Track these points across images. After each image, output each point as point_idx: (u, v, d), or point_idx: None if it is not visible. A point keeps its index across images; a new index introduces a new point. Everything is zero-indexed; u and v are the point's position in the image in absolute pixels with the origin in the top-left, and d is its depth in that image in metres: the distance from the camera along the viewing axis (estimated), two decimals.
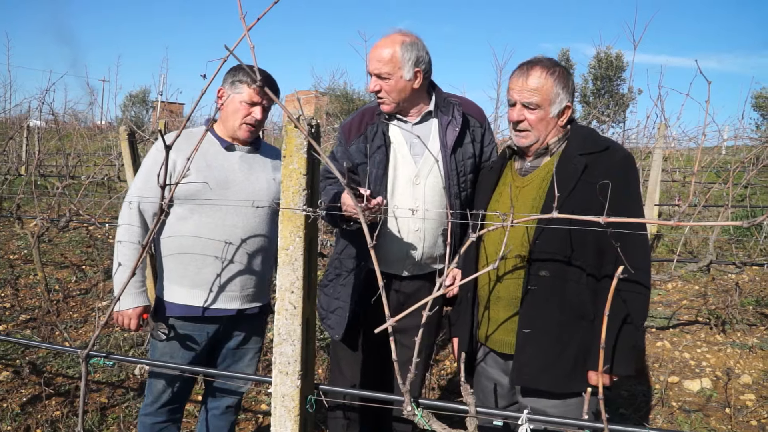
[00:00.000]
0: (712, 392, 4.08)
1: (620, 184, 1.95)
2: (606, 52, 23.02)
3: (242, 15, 1.49)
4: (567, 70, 2.10)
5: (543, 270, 1.98)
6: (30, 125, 13.96)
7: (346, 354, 2.65)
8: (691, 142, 11.36)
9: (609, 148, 2.04)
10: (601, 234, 1.86)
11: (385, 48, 2.37)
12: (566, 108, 2.07)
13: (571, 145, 2.06)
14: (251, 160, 2.52)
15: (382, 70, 2.37)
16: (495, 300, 2.11)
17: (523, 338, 2.01)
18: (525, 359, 2.02)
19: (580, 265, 1.97)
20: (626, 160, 2.03)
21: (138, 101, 32.26)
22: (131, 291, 2.41)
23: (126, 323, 2.43)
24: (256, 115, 2.43)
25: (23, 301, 5.59)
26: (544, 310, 2.00)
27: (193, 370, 2.38)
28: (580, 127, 2.14)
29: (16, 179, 10.48)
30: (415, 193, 2.47)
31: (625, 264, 1.56)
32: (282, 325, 1.78)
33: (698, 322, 5.43)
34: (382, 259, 2.48)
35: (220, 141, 2.48)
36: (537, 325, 2.00)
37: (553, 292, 1.99)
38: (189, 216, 2.41)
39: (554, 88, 2.03)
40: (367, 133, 2.49)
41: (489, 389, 2.24)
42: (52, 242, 7.95)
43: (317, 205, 1.77)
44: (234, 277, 2.44)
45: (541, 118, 2.05)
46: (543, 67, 2.05)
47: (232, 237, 2.41)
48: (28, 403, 3.61)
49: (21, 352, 4.34)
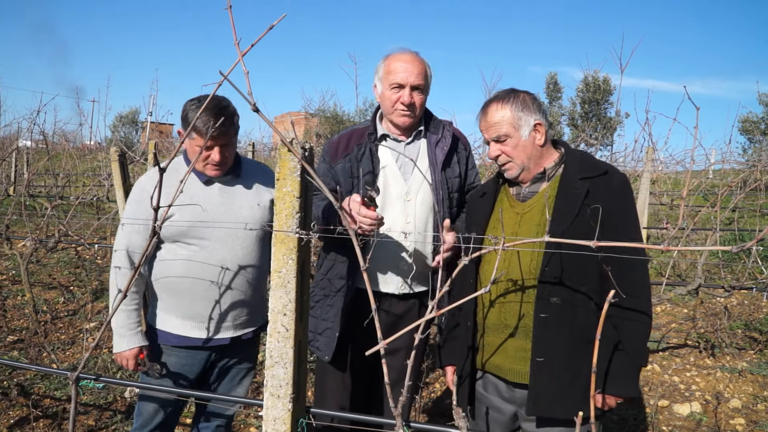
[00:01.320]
0: (702, 416, 4.08)
1: (621, 209, 1.99)
2: (594, 76, 23.31)
3: (236, 41, 1.51)
4: (527, 93, 2.12)
5: (554, 297, 1.97)
6: (19, 145, 13.92)
7: (333, 376, 2.63)
8: (678, 165, 11.49)
9: (608, 172, 2.06)
10: (603, 259, 1.89)
11: (418, 62, 2.47)
12: (536, 125, 2.08)
13: (570, 170, 2.08)
14: (231, 191, 2.48)
15: (420, 82, 2.46)
16: (502, 327, 2.09)
17: (537, 367, 2.00)
18: (540, 389, 2.00)
19: (586, 291, 1.98)
20: (624, 185, 2.06)
21: (128, 122, 32.20)
22: (126, 333, 2.42)
23: (124, 364, 2.42)
24: (214, 158, 2.36)
25: (11, 322, 5.52)
26: (557, 337, 1.98)
27: (186, 393, 2.36)
28: (574, 150, 2.17)
29: (5, 199, 10.43)
30: (406, 210, 2.51)
31: (617, 289, 1.57)
32: (274, 347, 1.78)
33: (687, 346, 5.45)
34: (374, 277, 2.49)
35: (198, 175, 2.45)
36: (550, 353, 1.99)
37: (564, 319, 1.98)
38: (178, 251, 2.41)
39: (514, 114, 2.07)
40: (354, 154, 2.52)
41: (490, 417, 2.23)
42: (40, 263, 7.89)
43: (310, 227, 1.79)
44: (227, 309, 2.45)
45: (515, 145, 2.08)
46: (496, 100, 2.11)
47: (220, 271, 2.41)
48: (16, 425, 3.56)
49: (9, 374, 4.28)
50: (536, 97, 2.13)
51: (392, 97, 2.46)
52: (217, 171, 2.41)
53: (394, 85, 2.44)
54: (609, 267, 1.83)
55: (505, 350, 2.11)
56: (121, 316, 2.42)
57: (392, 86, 2.45)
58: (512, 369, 2.09)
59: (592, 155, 2.24)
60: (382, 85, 2.50)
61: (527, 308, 2.04)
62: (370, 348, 1.74)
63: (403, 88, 2.44)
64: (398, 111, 2.48)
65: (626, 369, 1.99)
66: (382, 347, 1.71)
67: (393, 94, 2.46)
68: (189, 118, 2.34)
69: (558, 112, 24.13)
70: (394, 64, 2.45)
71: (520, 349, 2.06)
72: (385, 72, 2.48)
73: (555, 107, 24.40)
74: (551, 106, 24.44)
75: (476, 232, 2.16)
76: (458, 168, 2.59)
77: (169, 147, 15.89)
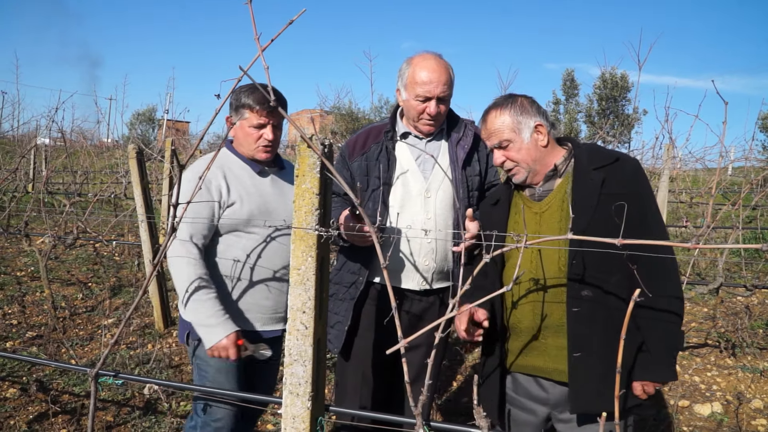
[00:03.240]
0: (723, 417, 4.02)
1: (639, 195, 1.99)
2: (611, 73, 23.09)
3: (257, 36, 1.49)
4: (524, 97, 2.11)
5: (584, 290, 1.96)
6: (38, 143, 14.07)
7: (353, 373, 2.64)
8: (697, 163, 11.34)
9: (619, 159, 2.05)
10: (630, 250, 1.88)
11: (444, 71, 2.45)
12: (537, 127, 2.07)
13: (581, 162, 2.06)
14: (281, 184, 2.55)
15: (446, 93, 2.46)
16: (536, 328, 2.08)
17: (574, 363, 1.99)
18: (579, 385, 1.98)
19: (616, 282, 1.96)
20: (638, 169, 2.05)
21: (145, 119, 32.51)
22: (217, 321, 2.26)
23: (224, 354, 2.27)
24: (267, 136, 2.41)
25: (30, 318, 5.58)
26: (591, 331, 1.97)
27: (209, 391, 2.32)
28: (582, 143, 2.16)
29: (24, 196, 10.53)
30: (427, 206, 2.52)
31: (642, 286, 1.55)
32: (293, 345, 1.77)
33: (708, 345, 5.38)
34: (394, 273, 2.49)
35: (251, 166, 2.48)
36: (585, 348, 1.98)
37: (596, 312, 1.97)
38: (236, 242, 2.42)
39: (512, 119, 2.06)
40: (370, 152, 2.54)
41: (521, 419, 2.22)
42: (58, 259, 7.97)
43: (329, 225, 1.77)
44: (281, 300, 2.47)
45: (518, 149, 2.07)
46: (495, 108, 2.11)
47: (277, 262, 2.44)
48: (35, 421, 3.59)
49: (28, 369, 4.32)
50: (534, 100, 2.12)
51: (418, 108, 2.46)
52: (267, 153, 2.45)
53: (420, 97, 2.43)
54: (635, 265, 1.80)
55: (543, 350, 2.09)
56: (207, 306, 2.27)
57: (418, 97, 2.44)
58: (556, 369, 2.07)
59: (600, 146, 2.22)
60: (407, 93, 2.49)
61: (559, 306, 2.02)
62: (390, 345, 1.73)
63: (429, 101, 2.43)
64: (424, 121, 2.50)
65: (662, 354, 1.98)
66: (402, 346, 1.69)
67: (418, 104, 2.45)
68: (242, 99, 2.38)
69: (575, 109, 23.91)
70: (419, 74, 2.42)
71: (558, 348, 2.05)
72: (410, 81, 2.45)
73: (572, 104, 24.18)
74: (568, 103, 24.22)
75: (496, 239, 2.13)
76: (479, 166, 2.59)
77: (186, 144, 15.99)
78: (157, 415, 3.70)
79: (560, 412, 2.13)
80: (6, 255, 8.23)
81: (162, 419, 3.63)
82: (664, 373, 1.99)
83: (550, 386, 2.11)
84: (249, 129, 2.40)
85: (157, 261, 1.97)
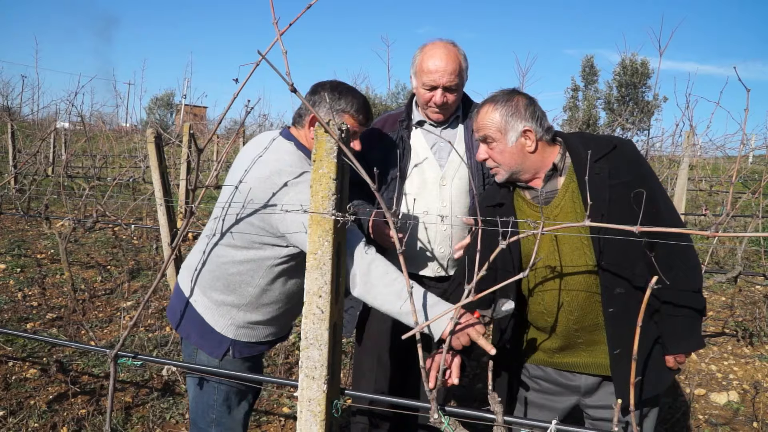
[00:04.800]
0: (739, 406, 4.00)
1: (644, 177, 2.00)
2: (631, 59, 22.77)
3: (275, 20, 1.49)
4: (523, 97, 2.04)
5: (618, 288, 1.96)
6: (57, 127, 14.22)
7: (369, 358, 2.66)
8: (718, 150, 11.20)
9: (616, 145, 2.02)
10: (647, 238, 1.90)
11: (451, 60, 2.41)
12: (525, 132, 2.00)
13: (579, 155, 2.02)
14: None
15: (453, 82, 2.42)
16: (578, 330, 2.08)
17: (615, 360, 2.01)
18: (623, 378, 1.99)
19: (640, 271, 1.97)
20: (636, 151, 2.05)
21: (163, 104, 32.70)
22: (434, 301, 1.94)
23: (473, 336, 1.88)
24: (356, 148, 2.22)
25: (50, 300, 5.66)
26: (626, 326, 1.98)
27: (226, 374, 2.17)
28: (569, 135, 2.11)
29: (43, 180, 10.67)
30: (442, 194, 2.52)
31: (659, 274, 1.54)
32: (309, 329, 1.78)
33: (725, 334, 5.34)
34: (409, 259, 2.49)
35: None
36: (624, 344, 1.99)
37: (628, 306, 1.97)
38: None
39: (502, 119, 2.00)
40: (386, 140, 2.53)
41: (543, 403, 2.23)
42: (78, 242, 8.07)
43: (346, 209, 1.78)
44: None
45: (501, 151, 2.02)
46: (491, 101, 2.05)
47: None
48: (55, 401, 3.65)
49: (48, 350, 4.40)
50: (533, 102, 2.04)
51: (425, 96, 2.46)
52: None
53: (427, 86, 2.43)
54: (653, 252, 1.80)
55: (581, 349, 2.11)
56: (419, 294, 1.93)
57: (425, 86, 2.44)
58: (594, 363, 2.09)
59: (587, 133, 2.18)
60: (416, 81, 2.49)
61: (593, 306, 2.02)
62: (406, 330, 1.74)
63: (435, 90, 2.42)
64: (431, 109, 2.49)
65: (686, 325, 2.03)
66: (417, 331, 1.70)
67: (426, 93, 2.45)
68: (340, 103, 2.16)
69: (593, 95, 23.62)
70: (427, 62, 2.41)
71: (594, 343, 2.07)
72: (419, 69, 2.45)
73: (591, 90, 23.89)
74: (587, 90, 23.92)
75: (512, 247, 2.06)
76: None
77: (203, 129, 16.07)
78: (174, 396, 3.76)
79: (589, 398, 2.16)
80: (27, 238, 8.35)
81: (180, 401, 3.68)
82: (692, 343, 2.07)
83: (583, 376, 2.14)
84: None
85: (176, 244, 1.99)
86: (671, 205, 2.09)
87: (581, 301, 2.02)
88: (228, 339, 2.19)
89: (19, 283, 6.11)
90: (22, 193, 8.89)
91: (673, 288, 1.97)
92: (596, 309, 2.02)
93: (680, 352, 2.07)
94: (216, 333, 2.18)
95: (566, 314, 2.06)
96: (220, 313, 2.18)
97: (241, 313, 2.18)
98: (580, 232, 1.99)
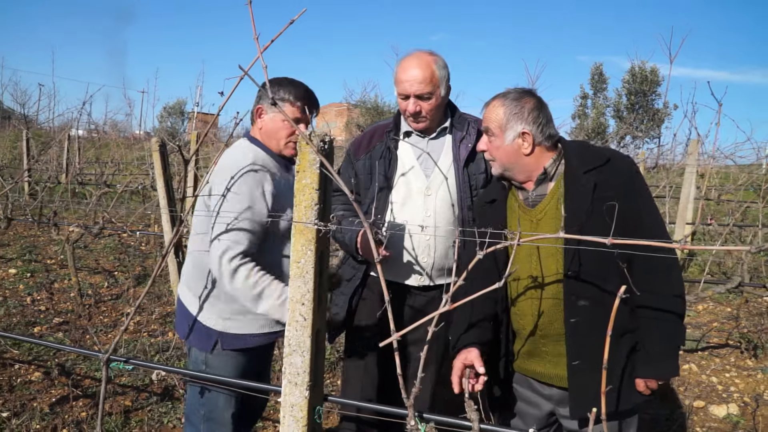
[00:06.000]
0: (739, 419, 3.98)
1: (634, 194, 1.98)
2: (640, 67, 22.70)
3: (256, 36, 1.54)
4: (532, 99, 2.06)
5: (581, 300, 1.97)
6: (71, 134, 14.40)
7: (356, 367, 2.69)
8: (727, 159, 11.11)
9: (611, 159, 2.02)
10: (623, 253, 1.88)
11: (422, 68, 2.40)
12: (523, 134, 2.03)
13: (571, 164, 2.04)
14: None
15: (424, 91, 2.41)
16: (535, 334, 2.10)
17: (574, 371, 2.01)
18: (580, 391, 2.00)
19: (613, 288, 1.97)
20: (631, 168, 2.04)
21: (175, 112, 33.04)
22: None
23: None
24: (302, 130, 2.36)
25: (57, 305, 5.75)
26: (589, 338, 1.97)
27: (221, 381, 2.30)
28: (571, 142, 2.13)
29: (55, 187, 10.81)
30: (427, 204, 2.54)
31: (631, 285, 1.56)
32: (292, 336, 1.82)
33: (729, 346, 5.31)
34: (393, 269, 2.53)
35: (277, 161, 2.41)
36: (584, 355, 1.99)
37: (595, 320, 1.96)
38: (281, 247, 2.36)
39: (505, 116, 2.03)
40: (374, 151, 2.59)
41: (525, 411, 2.25)
42: (87, 248, 8.18)
43: (329, 219, 1.81)
44: None
45: (497, 147, 2.06)
46: (500, 97, 2.08)
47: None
48: (57, 404, 3.72)
49: (52, 354, 4.47)
50: (540, 107, 2.05)
51: (402, 105, 2.51)
52: (295, 149, 2.39)
53: (401, 95, 2.47)
54: (625, 264, 1.81)
55: (543, 357, 2.12)
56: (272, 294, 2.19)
57: (399, 95, 2.49)
58: (556, 374, 2.10)
59: (590, 144, 2.20)
60: (396, 92, 2.54)
61: (558, 315, 2.03)
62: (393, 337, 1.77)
63: (408, 99, 2.45)
64: (409, 119, 2.53)
65: (663, 350, 1.98)
66: (395, 339, 1.73)
67: (402, 102, 2.49)
68: (281, 93, 2.33)
69: (603, 103, 23.55)
70: (399, 73, 2.46)
71: (558, 355, 2.07)
72: (395, 80, 2.50)
73: (599, 98, 23.82)
74: (596, 98, 23.86)
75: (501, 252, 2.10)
76: (483, 164, 2.57)
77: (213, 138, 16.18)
78: (173, 401, 3.81)
79: (563, 408, 2.15)
80: (38, 243, 8.47)
81: (178, 405, 3.73)
82: (665, 370, 2.00)
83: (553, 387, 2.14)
84: (282, 123, 2.34)
85: (166, 252, 2.04)
86: (660, 222, 2.07)
87: (548, 309, 2.05)
88: (215, 332, 2.32)
89: (28, 288, 6.21)
90: (34, 199, 9.03)
91: (651, 308, 1.97)
92: (561, 318, 2.03)
93: (651, 377, 2.00)
94: (203, 326, 2.33)
95: (533, 319, 2.08)
96: (205, 306, 2.32)
97: (222, 303, 2.31)
98: (557, 240, 2.01)
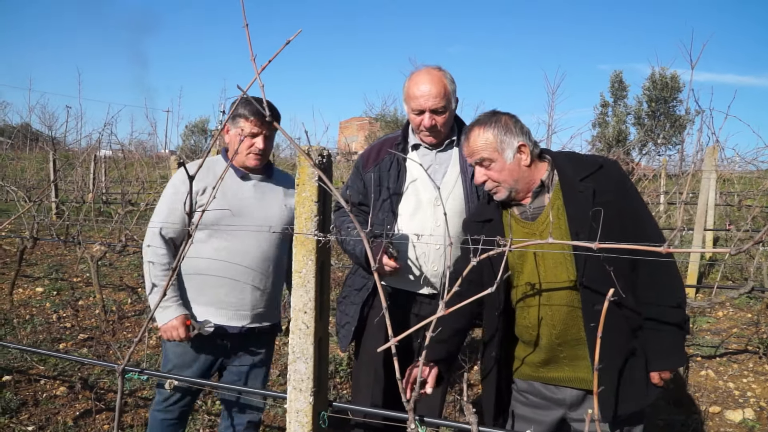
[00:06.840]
0: (754, 424, 3.95)
1: (628, 197, 2.06)
2: (660, 73, 22.51)
3: (252, 57, 1.63)
4: (509, 116, 2.13)
5: (597, 304, 2.00)
6: (98, 155, 14.74)
7: (366, 372, 2.75)
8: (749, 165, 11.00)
9: (603, 165, 2.08)
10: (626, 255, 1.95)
11: (435, 84, 2.51)
12: (520, 147, 2.09)
13: (566, 173, 2.09)
14: (264, 188, 2.71)
15: (438, 105, 2.52)
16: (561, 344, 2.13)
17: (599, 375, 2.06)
18: (606, 394, 2.05)
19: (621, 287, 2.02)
20: (621, 171, 2.10)
21: (198, 130, 33.57)
22: (168, 304, 2.58)
23: (175, 335, 2.57)
24: (259, 145, 2.57)
25: (82, 321, 5.90)
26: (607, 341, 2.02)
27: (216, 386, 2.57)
28: (557, 153, 2.18)
29: (81, 206, 11.07)
30: (436, 214, 2.61)
31: (616, 288, 1.61)
32: (296, 343, 1.90)
33: (747, 351, 5.26)
34: (403, 278, 2.60)
35: (235, 171, 2.66)
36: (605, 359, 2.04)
37: (610, 322, 1.98)
38: (207, 240, 2.61)
39: (496, 138, 2.08)
40: (383, 163, 2.65)
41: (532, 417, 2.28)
42: (112, 266, 8.37)
43: (329, 230, 1.89)
44: (246, 297, 2.65)
45: (500, 169, 2.10)
46: (478, 125, 2.13)
47: (246, 260, 2.62)
48: (80, 417, 3.83)
49: (77, 369, 4.60)
50: (518, 119, 2.14)
51: (415, 120, 2.58)
52: (257, 161, 2.62)
53: (415, 111, 2.55)
54: (611, 267, 1.86)
55: (564, 363, 2.16)
56: (159, 292, 2.55)
57: (413, 111, 2.56)
58: (577, 377, 2.14)
59: (575, 152, 2.25)
60: (406, 107, 2.63)
61: (575, 321, 2.08)
62: (402, 344, 1.83)
63: (423, 114, 2.53)
64: (423, 133, 2.61)
65: (670, 341, 2.08)
66: (393, 344, 1.79)
67: (416, 117, 2.57)
68: (238, 109, 2.54)
69: (623, 111, 23.37)
70: (413, 89, 2.53)
71: (576, 358, 2.12)
72: (407, 96, 2.58)
73: (620, 106, 23.65)
74: (616, 106, 23.70)
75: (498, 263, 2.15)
76: None
77: None
78: (192, 413, 3.89)
79: (574, 412, 2.19)
80: (65, 262, 8.69)
81: (196, 416, 3.82)
82: (676, 360, 2.11)
83: (567, 390, 2.18)
84: (239, 137, 2.55)
85: (175, 266, 2.12)
86: (654, 222, 2.15)
87: (563, 316, 2.09)
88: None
89: (54, 306, 6.38)
90: (59, 218, 9.26)
91: (656, 305, 2.04)
92: (578, 324, 2.08)
93: (664, 369, 2.10)
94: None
95: (549, 328, 2.12)
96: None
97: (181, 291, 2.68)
98: (564, 248, 2.06)
